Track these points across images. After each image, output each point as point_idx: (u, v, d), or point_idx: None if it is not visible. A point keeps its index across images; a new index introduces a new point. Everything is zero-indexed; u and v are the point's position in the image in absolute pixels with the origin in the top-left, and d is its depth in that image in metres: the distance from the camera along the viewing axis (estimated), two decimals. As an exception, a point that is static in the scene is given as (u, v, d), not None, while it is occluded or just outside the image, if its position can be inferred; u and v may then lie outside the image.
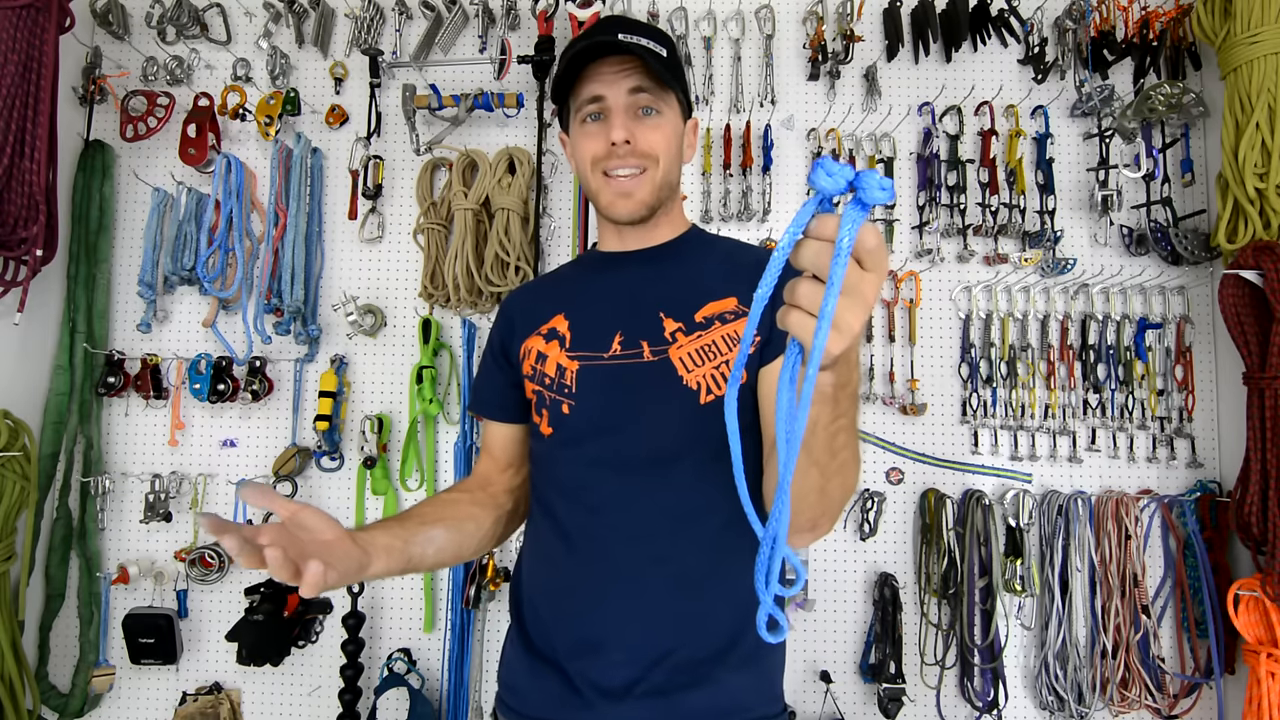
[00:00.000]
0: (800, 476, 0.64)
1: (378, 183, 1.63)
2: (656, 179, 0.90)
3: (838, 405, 0.58)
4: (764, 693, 0.88)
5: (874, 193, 0.42)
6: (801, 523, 0.71)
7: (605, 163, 0.89)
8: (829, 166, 0.42)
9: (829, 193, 0.43)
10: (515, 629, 0.93)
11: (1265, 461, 1.33)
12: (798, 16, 1.66)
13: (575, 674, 0.83)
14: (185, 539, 1.58)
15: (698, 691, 0.82)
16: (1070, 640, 1.46)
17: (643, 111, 0.89)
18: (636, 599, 0.83)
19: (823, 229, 0.43)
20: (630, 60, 0.87)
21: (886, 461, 1.56)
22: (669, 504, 0.84)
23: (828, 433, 0.60)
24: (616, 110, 0.88)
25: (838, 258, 0.41)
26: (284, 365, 1.61)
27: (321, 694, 1.55)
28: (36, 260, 1.45)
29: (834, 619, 1.54)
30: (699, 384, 0.84)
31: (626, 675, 0.82)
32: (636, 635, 0.82)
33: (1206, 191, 1.57)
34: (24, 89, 1.41)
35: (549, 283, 1.06)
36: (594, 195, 0.93)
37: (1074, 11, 1.60)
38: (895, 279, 1.58)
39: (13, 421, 1.39)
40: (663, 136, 0.90)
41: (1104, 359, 1.54)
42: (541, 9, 1.59)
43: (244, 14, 1.68)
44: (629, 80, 0.88)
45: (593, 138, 0.89)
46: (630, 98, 0.88)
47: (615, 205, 0.90)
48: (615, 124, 0.87)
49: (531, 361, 0.93)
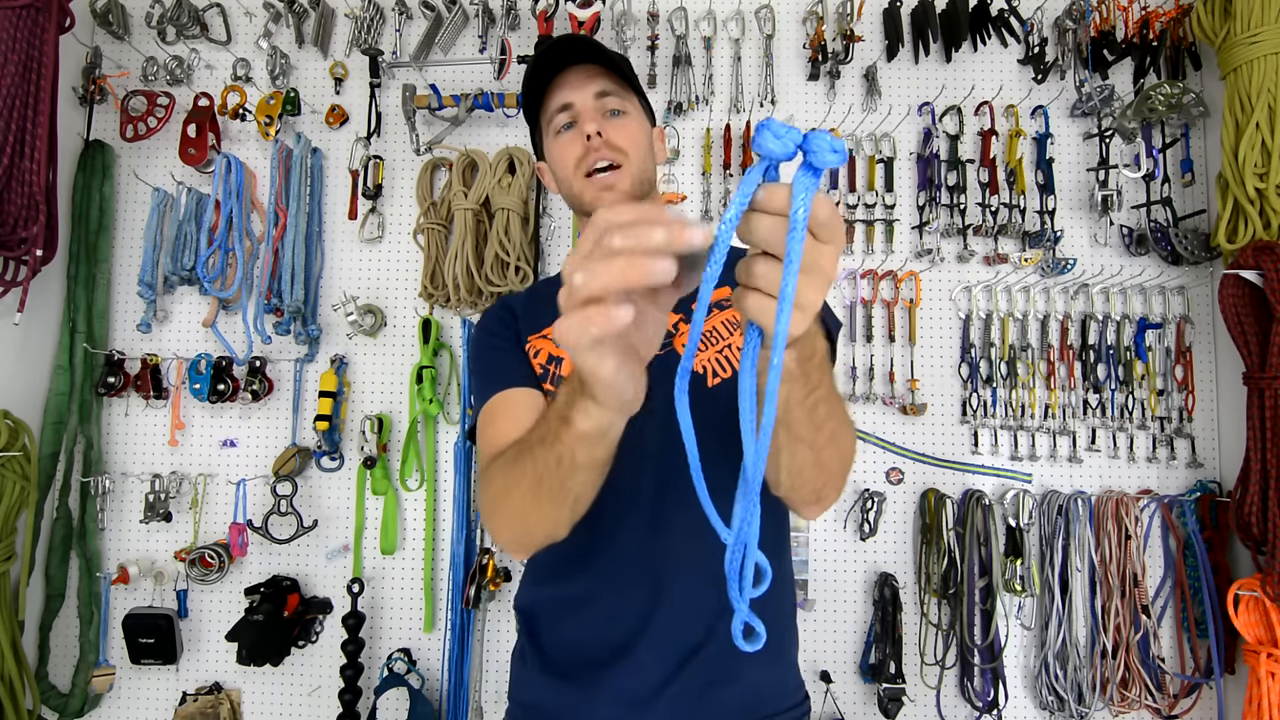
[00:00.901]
0: (790, 454, 0.63)
1: (378, 183, 1.63)
2: (633, 173, 0.93)
3: (809, 379, 0.56)
4: (788, 684, 0.89)
5: (825, 155, 0.38)
6: (805, 496, 0.70)
7: (585, 161, 0.91)
8: (776, 128, 0.38)
9: (777, 157, 0.39)
10: (529, 646, 0.90)
11: (1265, 461, 1.33)
12: (798, 16, 1.66)
13: (602, 682, 0.81)
14: (185, 539, 1.58)
15: (728, 688, 0.81)
16: (1070, 640, 1.46)
17: (610, 114, 0.93)
18: (661, 596, 0.81)
19: (772, 200, 0.40)
20: (592, 68, 0.92)
21: (886, 461, 1.56)
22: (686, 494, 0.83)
23: (804, 408, 0.58)
24: (586, 110, 0.92)
25: (793, 232, 0.38)
26: (284, 365, 1.61)
27: (321, 694, 1.55)
28: (36, 260, 1.44)
29: (834, 619, 1.54)
30: (704, 368, 0.86)
31: (657, 676, 0.80)
32: (664, 634, 0.81)
33: (1206, 191, 1.57)
34: (24, 89, 1.41)
35: (545, 287, 1.05)
36: (578, 198, 0.95)
37: (1074, 11, 1.60)
38: (895, 279, 1.58)
39: (13, 421, 1.39)
40: (631, 134, 0.93)
41: (1104, 359, 1.54)
42: (541, 9, 1.59)
43: (244, 14, 1.68)
44: (594, 85, 0.92)
45: (569, 143, 0.93)
46: (597, 101, 0.93)
47: (599, 200, 0.92)
48: (585, 120, 0.91)
49: (542, 362, 0.91)
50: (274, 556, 1.58)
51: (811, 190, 0.38)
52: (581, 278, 0.40)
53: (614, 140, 0.91)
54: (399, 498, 1.59)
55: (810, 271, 0.42)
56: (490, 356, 0.95)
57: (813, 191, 0.38)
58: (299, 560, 1.58)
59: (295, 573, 1.57)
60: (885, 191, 1.59)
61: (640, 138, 0.95)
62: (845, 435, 0.66)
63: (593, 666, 0.83)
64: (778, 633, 0.85)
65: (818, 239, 0.42)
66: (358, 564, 1.56)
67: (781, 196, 0.39)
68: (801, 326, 0.45)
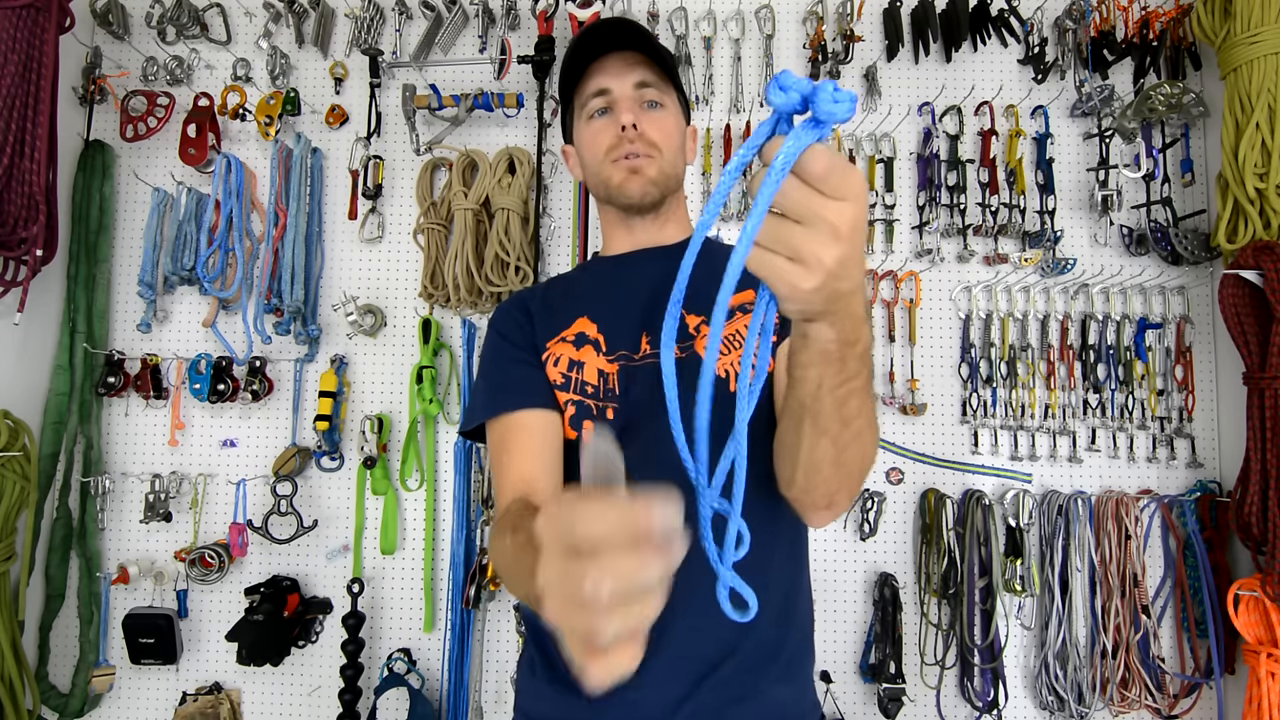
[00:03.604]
0: (810, 449, 0.61)
1: (378, 183, 1.63)
2: (664, 167, 0.91)
3: (845, 366, 0.53)
4: (805, 702, 0.86)
5: (826, 106, 0.36)
6: (817, 499, 0.67)
7: (616, 150, 0.89)
8: (784, 80, 0.37)
9: (785, 110, 0.37)
10: (538, 657, 0.87)
11: (1265, 461, 1.33)
12: (798, 16, 1.66)
13: (614, 698, 0.78)
14: (185, 539, 1.58)
15: (747, 706, 0.79)
16: (1070, 640, 1.46)
17: (648, 105, 0.91)
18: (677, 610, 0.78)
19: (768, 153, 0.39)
20: (634, 55, 0.89)
21: (886, 461, 1.56)
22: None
23: (835, 398, 0.55)
24: (624, 99, 0.89)
25: (767, 176, 0.37)
26: (284, 365, 1.61)
27: (321, 694, 1.55)
28: (36, 260, 1.44)
29: (834, 619, 1.54)
30: (726, 372, 0.83)
31: (672, 693, 0.77)
32: (680, 650, 0.78)
33: (1206, 191, 1.57)
34: (24, 89, 1.41)
35: (559, 286, 0.99)
36: (605, 181, 0.92)
37: (1074, 11, 1.60)
38: (895, 279, 1.58)
39: (13, 421, 1.39)
40: (666, 129, 0.91)
41: (1104, 359, 1.54)
42: (541, 9, 1.59)
43: (244, 14, 1.68)
44: (634, 74, 0.89)
45: (602, 130, 0.91)
46: (636, 91, 0.89)
47: (628, 183, 0.90)
48: (623, 110, 0.89)
49: (563, 369, 0.86)
50: (274, 556, 1.58)
51: (804, 141, 0.37)
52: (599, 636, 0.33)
53: (648, 133, 0.89)
54: (399, 498, 1.59)
55: (812, 224, 0.40)
56: (504, 365, 0.91)
57: (805, 143, 0.37)
58: (299, 560, 1.58)
59: (295, 573, 1.57)
60: (885, 191, 1.60)
61: (675, 133, 0.92)
62: (869, 438, 0.63)
63: None
64: (796, 648, 0.83)
65: (823, 192, 0.40)
66: (358, 564, 1.56)
67: (776, 148, 0.38)
68: (809, 282, 0.42)
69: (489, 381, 0.90)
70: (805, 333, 0.51)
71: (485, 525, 1.53)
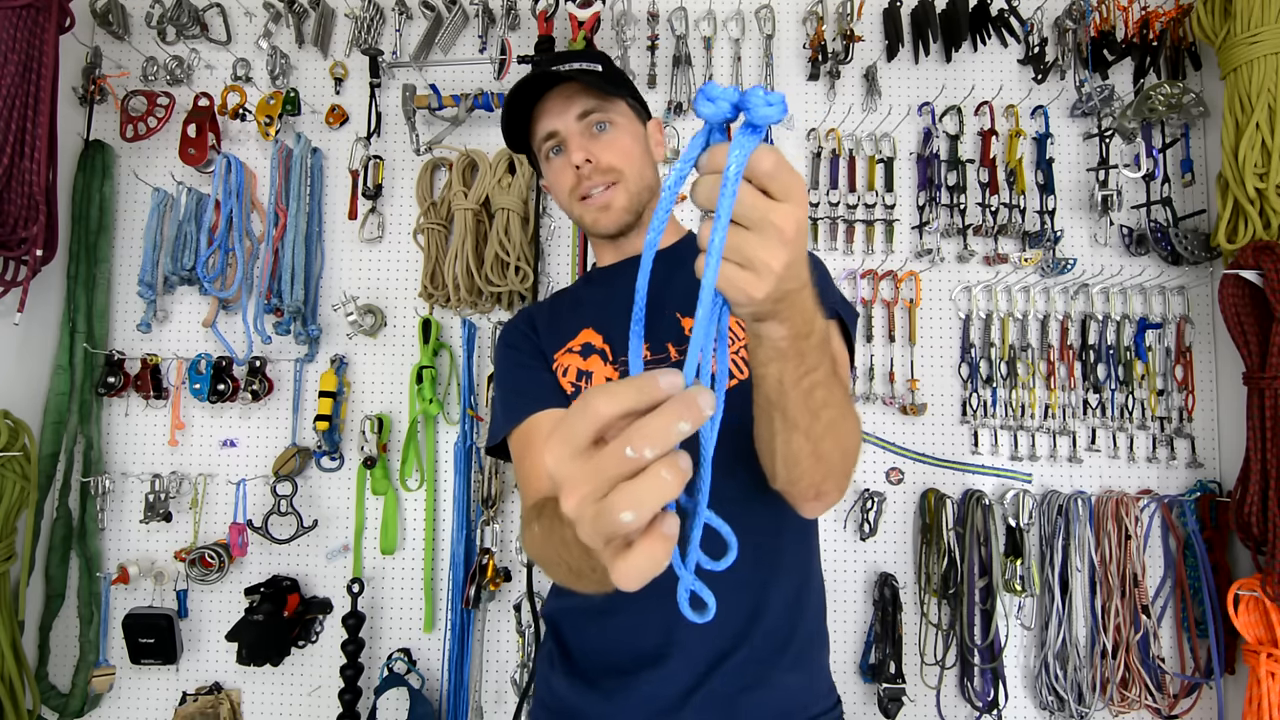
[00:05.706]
0: (785, 443, 0.61)
1: (378, 183, 1.63)
2: (630, 187, 0.92)
3: (804, 359, 0.53)
4: (818, 689, 0.88)
5: (760, 110, 0.36)
6: (804, 490, 0.68)
7: (578, 189, 0.92)
8: (711, 91, 0.37)
9: (715, 120, 0.38)
10: (556, 651, 0.90)
11: (1265, 461, 1.33)
12: (798, 16, 1.66)
13: (628, 689, 0.81)
14: (185, 539, 1.58)
15: (758, 693, 0.80)
16: (1070, 640, 1.46)
17: (596, 128, 0.92)
18: None
19: (714, 160, 0.39)
20: (570, 86, 0.91)
21: (886, 461, 1.56)
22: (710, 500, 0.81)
23: (799, 390, 0.55)
24: (571, 137, 0.92)
25: (724, 187, 0.37)
26: (284, 365, 1.61)
27: (321, 694, 1.55)
28: (36, 260, 1.44)
29: (834, 619, 1.54)
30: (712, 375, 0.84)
31: (684, 683, 0.79)
32: (692, 641, 0.80)
33: (1206, 191, 1.57)
34: (24, 89, 1.41)
35: (563, 299, 1.03)
36: (579, 221, 0.96)
37: (1074, 11, 1.60)
38: (895, 279, 1.58)
39: (13, 421, 1.39)
40: (621, 148, 0.92)
41: (1104, 359, 1.54)
42: (541, 9, 1.59)
43: (244, 14, 1.68)
44: (574, 106, 0.91)
45: (561, 171, 0.94)
46: (580, 123, 0.92)
47: (598, 222, 0.93)
48: (572, 149, 0.91)
49: (572, 380, 0.89)
50: (274, 556, 1.58)
51: (749, 147, 0.37)
52: (629, 513, 0.32)
53: (603, 161, 0.90)
54: (399, 498, 1.59)
55: (760, 229, 0.41)
56: (517, 374, 0.93)
57: (749, 149, 0.37)
58: (299, 560, 1.58)
59: (295, 573, 1.57)
60: (885, 191, 1.59)
61: (632, 147, 0.94)
62: (846, 426, 0.63)
63: (619, 673, 0.82)
64: (808, 637, 0.85)
65: (771, 195, 0.41)
66: (358, 564, 1.56)
67: (718, 156, 0.38)
68: (761, 290, 0.43)
69: (504, 393, 0.92)
70: (757, 332, 0.52)
71: (485, 525, 1.53)
